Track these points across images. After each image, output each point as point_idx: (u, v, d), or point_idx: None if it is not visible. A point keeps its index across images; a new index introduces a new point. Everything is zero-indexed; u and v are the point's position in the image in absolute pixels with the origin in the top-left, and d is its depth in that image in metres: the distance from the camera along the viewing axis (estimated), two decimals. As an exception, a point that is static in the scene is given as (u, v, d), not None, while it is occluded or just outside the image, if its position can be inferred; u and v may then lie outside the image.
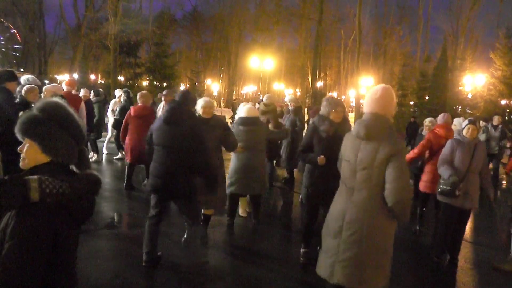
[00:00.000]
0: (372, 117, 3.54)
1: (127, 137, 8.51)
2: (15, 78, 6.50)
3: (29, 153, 2.06)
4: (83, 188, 2.08)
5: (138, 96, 8.67)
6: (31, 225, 1.91)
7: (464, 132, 5.85)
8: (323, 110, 5.25)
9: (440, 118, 7.50)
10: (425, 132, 8.60)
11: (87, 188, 2.11)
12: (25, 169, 2.08)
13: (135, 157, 8.45)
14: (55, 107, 2.13)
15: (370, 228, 3.47)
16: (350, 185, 3.64)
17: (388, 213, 3.44)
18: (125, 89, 13.13)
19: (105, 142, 12.97)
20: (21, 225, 1.90)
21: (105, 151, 12.82)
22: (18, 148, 2.09)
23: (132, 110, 8.62)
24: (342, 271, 3.58)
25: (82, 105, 9.27)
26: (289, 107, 10.20)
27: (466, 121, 5.98)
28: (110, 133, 12.97)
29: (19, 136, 2.09)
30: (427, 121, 8.75)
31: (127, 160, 8.76)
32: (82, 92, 10.92)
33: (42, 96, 7.35)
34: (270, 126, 9.25)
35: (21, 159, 2.09)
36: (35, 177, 1.91)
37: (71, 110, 2.18)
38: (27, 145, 2.06)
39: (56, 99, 2.20)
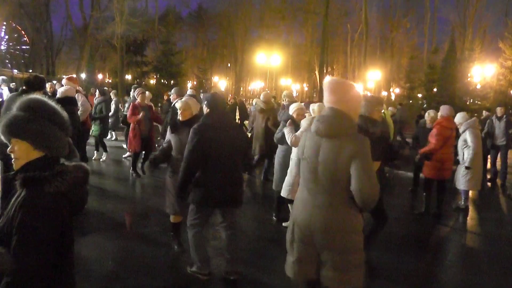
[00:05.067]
0: (332, 113, 3.18)
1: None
2: (42, 87, 6.28)
3: (22, 153, 2.05)
4: (78, 178, 2.10)
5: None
6: (41, 215, 1.95)
7: None
8: (363, 110, 4.80)
9: (445, 110, 7.98)
10: (429, 124, 8.65)
11: (80, 178, 2.12)
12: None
13: None
14: (41, 103, 2.11)
15: (339, 232, 3.20)
16: (312, 188, 3.28)
17: (355, 214, 3.25)
18: (134, 85, 13.20)
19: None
20: (30, 215, 1.93)
21: None
22: (8, 150, 2.08)
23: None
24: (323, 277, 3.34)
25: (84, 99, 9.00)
26: (284, 103, 9.68)
27: None
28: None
29: (5, 138, 2.07)
30: (432, 112, 8.91)
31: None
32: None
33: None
34: (269, 123, 9.17)
35: (13, 160, 2.08)
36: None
37: (53, 103, 2.17)
38: (17, 145, 2.05)
39: (36, 95, 2.18)
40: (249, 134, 10.84)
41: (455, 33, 45.24)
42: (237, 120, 18.75)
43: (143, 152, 10.02)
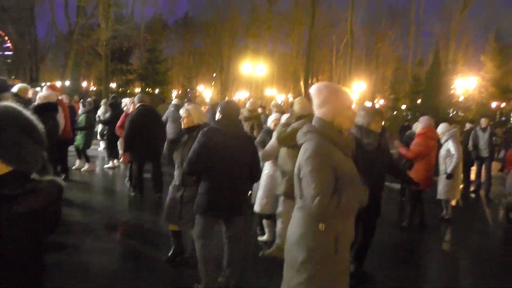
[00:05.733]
0: (312, 121, 3.05)
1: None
2: (6, 89, 6.16)
3: None
4: (51, 195, 1.93)
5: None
6: (8, 238, 1.76)
7: None
8: (361, 120, 4.79)
9: (426, 121, 8.05)
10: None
11: (54, 196, 1.96)
12: None
13: None
14: (13, 112, 1.91)
15: (289, 243, 3.00)
16: None
17: (313, 230, 2.89)
18: (113, 94, 13.00)
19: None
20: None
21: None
22: None
23: None
24: None
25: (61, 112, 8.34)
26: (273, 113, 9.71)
27: None
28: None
29: None
30: None
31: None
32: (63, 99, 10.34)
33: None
34: (255, 133, 9.12)
35: None
36: None
37: (29, 113, 1.96)
38: None
39: (9, 103, 1.97)
40: None
41: (439, 46, 45.87)
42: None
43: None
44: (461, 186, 10.66)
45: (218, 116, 4.60)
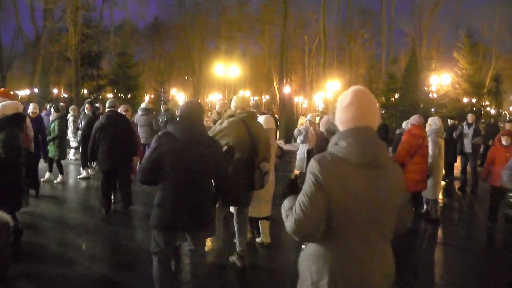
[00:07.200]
0: (373, 135, 2.41)
1: None
2: None
3: None
4: None
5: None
6: None
7: None
8: None
9: (416, 119, 7.98)
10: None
11: (1, 241, 1.45)
12: None
13: None
14: None
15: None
16: (369, 237, 2.37)
17: None
18: (88, 99, 12.46)
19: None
20: None
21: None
22: None
23: None
24: None
25: (28, 122, 7.75)
26: None
27: None
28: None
29: None
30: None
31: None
32: (31, 108, 9.63)
33: None
34: None
35: None
36: None
37: None
38: None
39: None
40: None
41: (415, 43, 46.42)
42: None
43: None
44: (443, 183, 10.66)
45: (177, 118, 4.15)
